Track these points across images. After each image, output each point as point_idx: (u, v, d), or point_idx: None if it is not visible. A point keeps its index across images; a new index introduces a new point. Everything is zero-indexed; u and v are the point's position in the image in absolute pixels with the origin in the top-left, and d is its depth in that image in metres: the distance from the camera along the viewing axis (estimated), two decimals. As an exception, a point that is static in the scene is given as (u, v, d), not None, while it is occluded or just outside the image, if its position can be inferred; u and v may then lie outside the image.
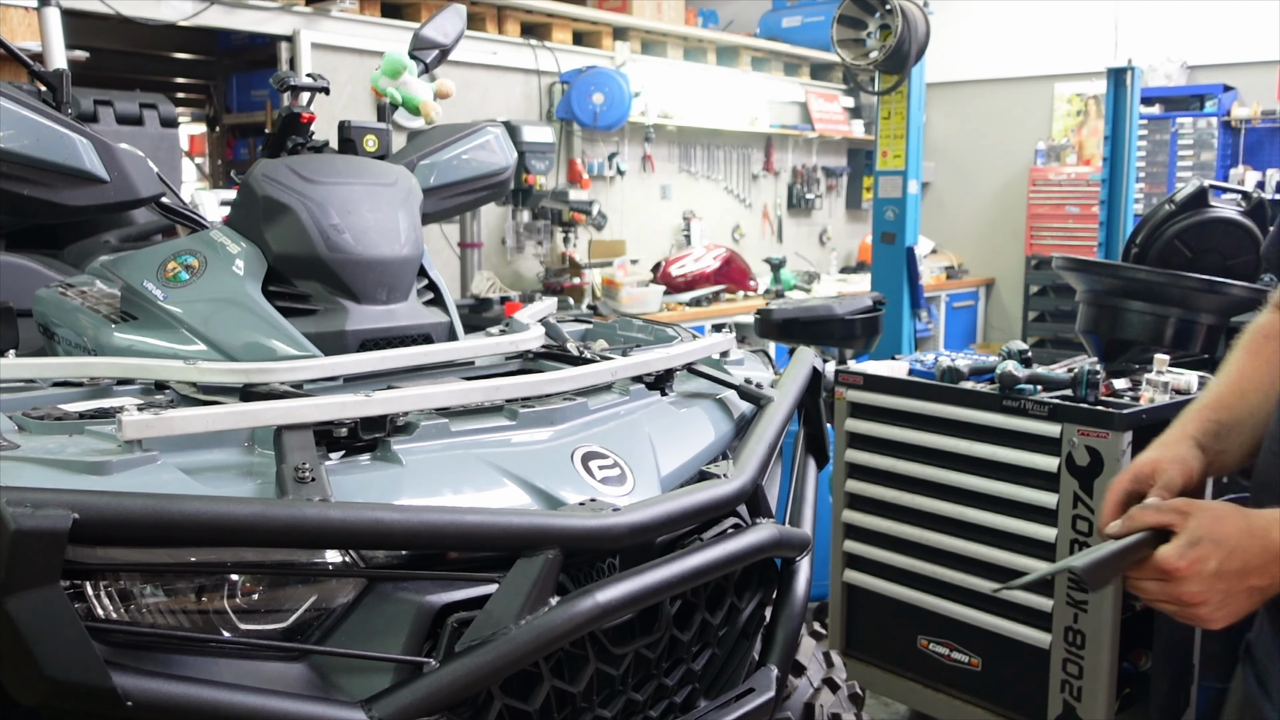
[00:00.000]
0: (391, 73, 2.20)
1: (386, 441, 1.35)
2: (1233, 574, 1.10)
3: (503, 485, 1.36)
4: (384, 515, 1.14)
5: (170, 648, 1.10)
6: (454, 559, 1.27)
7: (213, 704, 1.04)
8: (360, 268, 1.71)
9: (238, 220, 1.77)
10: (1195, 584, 1.10)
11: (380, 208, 1.78)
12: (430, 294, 1.87)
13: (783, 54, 8.32)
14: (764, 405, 1.72)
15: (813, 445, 1.94)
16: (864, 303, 3.84)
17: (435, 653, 1.19)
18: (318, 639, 1.19)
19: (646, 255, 7.18)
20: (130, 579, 1.10)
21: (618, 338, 2.09)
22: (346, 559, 1.21)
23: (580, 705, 1.33)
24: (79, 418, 1.34)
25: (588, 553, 1.29)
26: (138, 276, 1.72)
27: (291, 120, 1.99)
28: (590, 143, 6.88)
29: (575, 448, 1.46)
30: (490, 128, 2.29)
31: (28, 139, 1.63)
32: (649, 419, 1.62)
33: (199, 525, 1.04)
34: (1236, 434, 1.37)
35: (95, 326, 1.73)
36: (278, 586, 1.19)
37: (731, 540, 1.46)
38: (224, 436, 1.31)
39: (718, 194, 7.99)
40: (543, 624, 1.19)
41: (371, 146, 2.08)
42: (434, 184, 2.14)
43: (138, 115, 3.27)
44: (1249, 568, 1.11)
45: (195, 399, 1.47)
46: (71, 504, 0.96)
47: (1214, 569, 1.10)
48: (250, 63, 6.13)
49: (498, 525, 1.22)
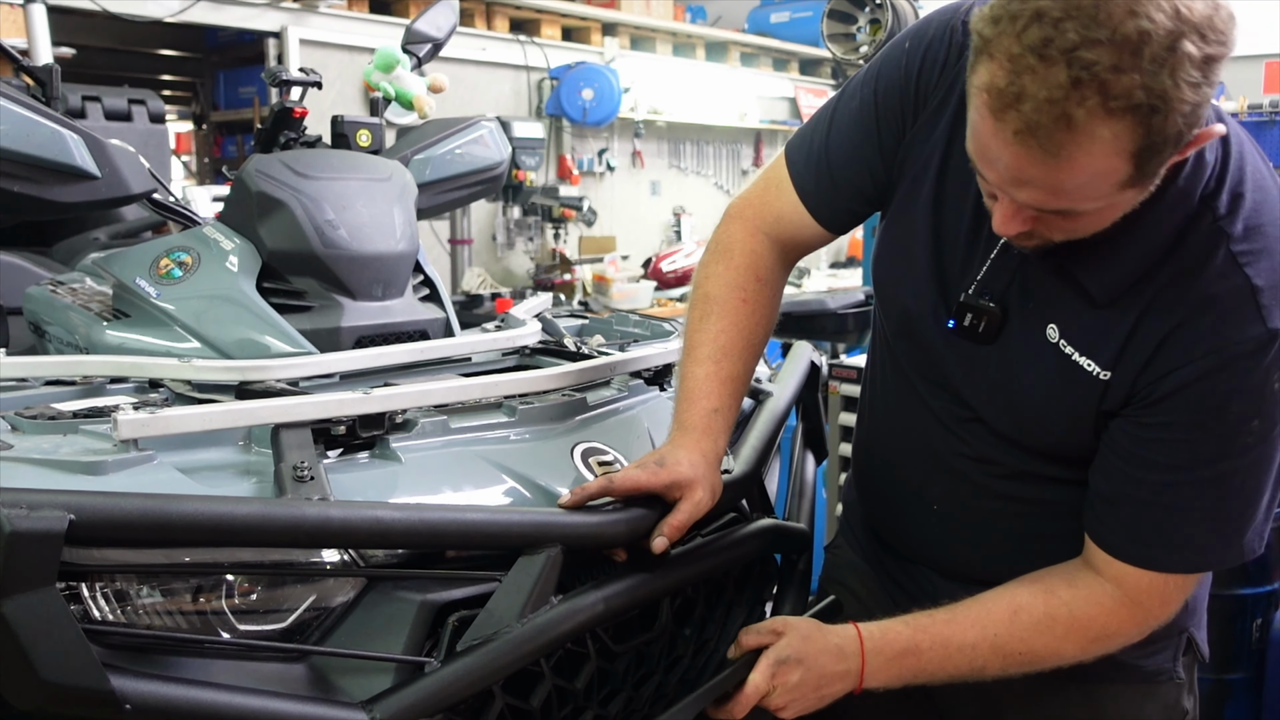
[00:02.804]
0: (384, 67, 2.19)
1: (385, 439, 1.34)
2: (810, 685, 1.30)
3: (503, 482, 1.35)
4: (384, 514, 1.13)
5: (168, 649, 1.08)
6: (454, 557, 1.25)
7: (211, 706, 1.02)
8: (355, 264, 1.69)
9: (231, 216, 1.75)
10: (779, 696, 1.29)
11: (375, 203, 1.77)
12: (426, 290, 1.86)
13: (771, 49, 8.32)
14: (762, 400, 1.71)
15: (811, 440, 1.94)
16: (856, 297, 3.84)
17: (436, 652, 1.18)
18: (317, 639, 1.18)
19: (637, 251, 7.17)
20: (127, 580, 1.09)
21: (614, 333, 2.08)
22: (345, 558, 1.20)
23: (581, 704, 1.32)
24: (73, 417, 1.33)
25: (589, 550, 1.28)
26: (130, 274, 1.70)
27: (284, 115, 1.97)
28: (580, 139, 6.86)
29: (575, 444, 1.45)
30: (484, 122, 2.28)
31: (18, 135, 1.61)
32: (648, 414, 1.61)
33: (198, 525, 1.02)
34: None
35: (87, 324, 1.71)
36: (276, 586, 1.18)
37: (734, 535, 1.45)
38: (220, 435, 1.29)
39: (708, 189, 7.99)
40: (545, 623, 1.18)
41: (365, 141, 2.06)
42: (428, 179, 2.13)
43: (126, 111, 3.25)
44: (824, 678, 1.30)
45: (190, 397, 1.45)
46: (67, 505, 0.94)
47: (795, 682, 1.29)
48: (237, 59, 6.08)
49: (499, 523, 1.21)
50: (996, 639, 1.29)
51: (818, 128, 1.44)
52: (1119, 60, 0.95)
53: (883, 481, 1.56)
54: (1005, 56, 0.99)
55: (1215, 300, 1.15)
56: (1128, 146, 0.99)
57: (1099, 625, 1.28)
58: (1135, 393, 1.21)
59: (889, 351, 1.48)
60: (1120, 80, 0.95)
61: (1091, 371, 1.23)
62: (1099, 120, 0.97)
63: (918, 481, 1.46)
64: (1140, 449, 1.22)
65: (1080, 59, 0.96)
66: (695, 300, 1.45)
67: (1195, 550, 1.25)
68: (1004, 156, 1.05)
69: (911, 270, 1.37)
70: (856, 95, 1.40)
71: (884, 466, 1.55)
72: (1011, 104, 1.00)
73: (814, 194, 1.43)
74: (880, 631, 1.33)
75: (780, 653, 1.30)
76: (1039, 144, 1.00)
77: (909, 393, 1.44)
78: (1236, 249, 1.15)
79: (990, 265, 1.29)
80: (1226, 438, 1.18)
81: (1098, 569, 1.28)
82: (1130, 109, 0.97)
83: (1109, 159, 1.00)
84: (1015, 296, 1.28)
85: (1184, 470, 1.20)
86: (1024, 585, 1.32)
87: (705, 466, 1.31)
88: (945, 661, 1.30)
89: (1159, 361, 1.18)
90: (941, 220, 1.33)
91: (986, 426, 1.35)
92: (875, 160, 1.38)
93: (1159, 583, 1.26)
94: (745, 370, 1.42)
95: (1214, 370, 1.15)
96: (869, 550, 1.61)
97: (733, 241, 1.47)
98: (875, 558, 1.58)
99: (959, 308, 1.31)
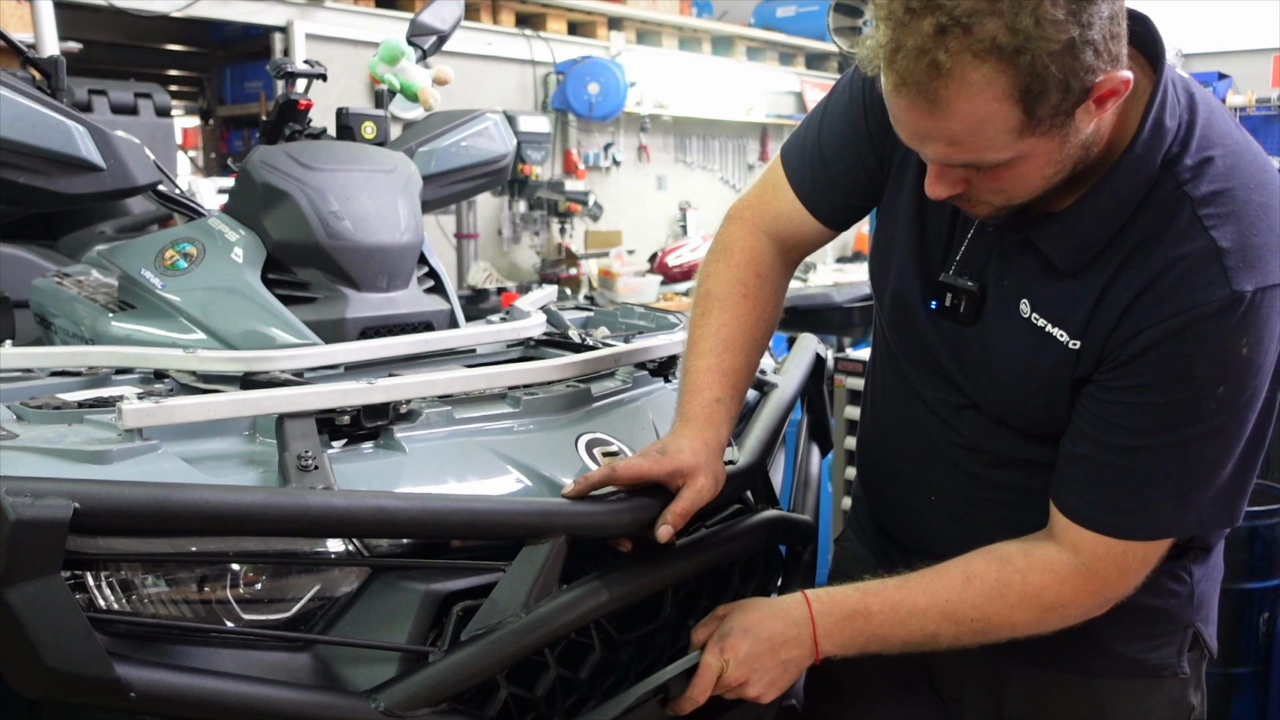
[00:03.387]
0: (389, 59, 2.18)
1: (389, 429, 1.34)
2: (762, 652, 1.28)
3: (507, 473, 1.35)
4: (388, 503, 1.13)
5: (173, 638, 1.09)
6: (459, 547, 1.25)
7: (216, 694, 1.03)
8: (360, 255, 1.69)
9: (236, 208, 1.75)
10: (734, 670, 1.27)
11: (380, 194, 1.77)
12: (431, 281, 1.86)
13: (778, 44, 8.30)
14: (767, 391, 1.71)
15: (816, 432, 1.94)
16: (861, 291, 3.85)
17: (440, 642, 1.18)
18: (321, 629, 1.18)
19: (643, 245, 7.16)
20: (132, 569, 1.09)
21: (619, 325, 2.08)
22: (350, 548, 1.20)
23: (585, 694, 1.32)
24: (78, 407, 1.33)
25: (593, 540, 1.28)
26: (135, 265, 1.71)
27: (289, 107, 1.97)
28: (586, 133, 6.86)
29: (579, 434, 1.45)
30: (489, 114, 2.28)
31: (23, 126, 1.61)
32: (653, 405, 1.61)
33: (202, 514, 1.02)
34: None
35: (93, 316, 1.71)
36: (281, 576, 1.18)
37: (737, 526, 1.45)
38: (225, 425, 1.30)
39: (713, 184, 7.98)
40: (549, 612, 1.18)
41: (370, 133, 2.06)
42: (433, 171, 2.13)
43: (132, 105, 3.25)
44: (776, 643, 1.29)
45: (195, 388, 1.45)
46: (72, 493, 0.95)
47: (745, 651, 1.28)
48: (244, 54, 6.09)
49: (502, 513, 1.21)
50: (948, 605, 1.29)
51: (811, 125, 1.47)
52: (979, 4, 1.00)
53: (883, 474, 1.57)
54: (885, 15, 1.05)
55: (1179, 261, 1.15)
56: (1005, 89, 1.03)
57: (1052, 594, 1.28)
58: (1104, 357, 1.21)
59: (885, 344, 1.50)
60: (984, 24, 1.00)
61: (1063, 341, 1.24)
62: (967, 65, 1.02)
63: (916, 473, 1.47)
64: (1105, 412, 1.22)
65: (943, 6, 1.01)
66: (697, 298, 1.47)
67: (1152, 517, 1.24)
68: (897, 113, 1.11)
69: (898, 256, 1.39)
70: (845, 90, 1.42)
71: (884, 459, 1.56)
72: (890, 60, 1.06)
73: (810, 190, 1.45)
74: (828, 594, 1.34)
75: (723, 627, 1.31)
76: (919, 93, 1.05)
77: (904, 384, 1.45)
78: (1202, 212, 1.16)
79: (968, 245, 1.32)
80: (1191, 402, 1.18)
81: (1058, 537, 1.29)
82: (994, 50, 1.01)
83: (989, 103, 1.04)
84: (992, 275, 1.30)
85: (1147, 434, 1.20)
86: (980, 554, 1.32)
87: (708, 454, 1.31)
88: (898, 625, 1.30)
89: (1125, 325, 1.19)
90: (924, 205, 1.34)
91: (978, 413, 1.36)
92: (867, 152, 1.40)
93: (1117, 551, 1.25)
94: (747, 363, 1.43)
95: (1178, 331, 1.15)
96: (874, 543, 1.61)
97: (733, 241, 1.49)
98: (880, 550, 1.58)
99: (938, 287, 1.33)
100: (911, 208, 1.36)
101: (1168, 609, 1.40)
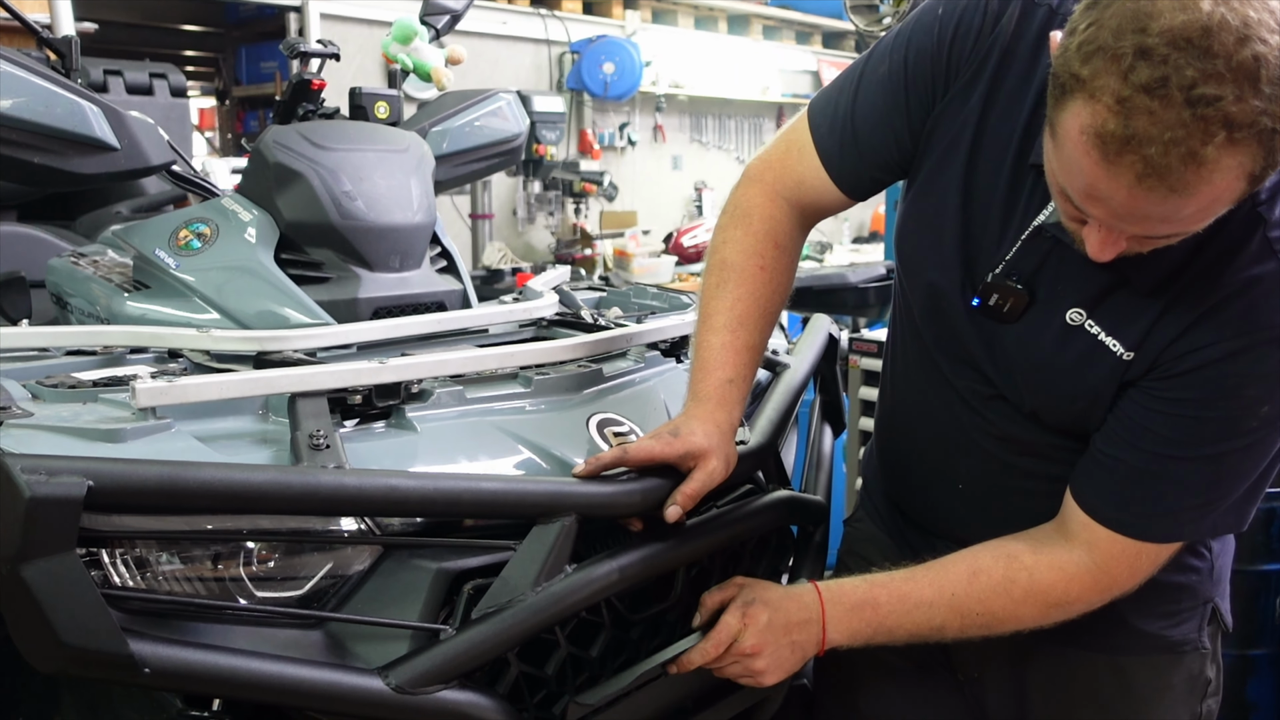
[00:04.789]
0: (402, 38, 2.18)
1: (401, 409, 1.34)
2: (779, 628, 1.31)
3: (518, 452, 1.35)
4: (399, 482, 1.13)
5: (187, 615, 1.09)
6: (470, 526, 1.26)
7: (229, 670, 1.04)
8: (373, 235, 1.70)
9: (249, 188, 1.76)
10: (750, 636, 1.30)
11: (393, 174, 1.77)
12: (443, 261, 1.86)
13: (794, 22, 8.25)
14: (780, 372, 1.71)
15: (829, 412, 1.93)
16: (877, 271, 3.82)
17: (451, 619, 1.18)
18: (334, 606, 1.19)
19: (658, 226, 7.15)
20: (146, 546, 1.10)
21: (632, 305, 2.08)
22: (362, 526, 1.20)
23: (596, 671, 1.33)
24: (93, 385, 1.34)
25: (604, 520, 1.28)
26: (150, 245, 1.72)
27: (302, 87, 1.97)
28: (601, 113, 6.84)
29: (590, 414, 1.45)
30: (502, 94, 2.27)
31: (38, 106, 1.61)
32: (664, 386, 1.61)
33: (214, 492, 1.03)
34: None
35: (108, 296, 1.73)
36: (293, 554, 1.19)
37: (748, 506, 1.45)
38: (238, 404, 1.30)
39: (729, 164, 7.95)
40: (559, 591, 1.18)
41: (383, 113, 2.06)
42: (446, 151, 2.13)
43: (147, 85, 3.26)
44: (790, 623, 1.32)
45: (209, 367, 1.46)
46: (86, 471, 0.95)
47: (765, 622, 1.31)
48: (259, 34, 6.09)
49: (513, 492, 1.21)
50: (954, 598, 1.31)
51: (844, 90, 1.40)
52: (1240, 90, 0.92)
53: (906, 457, 1.56)
54: (1112, 98, 0.95)
55: (1251, 284, 1.14)
56: (1250, 169, 0.97)
57: (1059, 592, 1.29)
58: (1155, 365, 1.20)
59: (912, 328, 1.47)
60: (1244, 109, 0.92)
61: (1116, 352, 1.22)
62: (1226, 152, 0.94)
63: (942, 459, 1.46)
64: (1146, 419, 1.21)
65: (1201, 95, 0.92)
66: (712, 266, 1.43)
67: (1175, 522, 1.25)
68: (1118, 196, 1.00)
69: (939, 247, 1.35)
70: (885, 60, 1.36)
71: (907, 443, 1.55)
72: (1128, 148, 0.96)
73: (838, 160, 1.40)
74: (837, 585, 1.36)
75: (747, 596, 1.33)
76: (1165, 184, 0.96)
77: (933, 370, 1.43)
78: (1273, 235, 1.14)
79: (1020, 246, 1.27)
80: (1234, 419, 1.18)
81: (1071, 533, 1.29)
82: (1255, 135, 0.94)
83: (1231, 184, 0.98)
84: (1045, 279, 1.27)
85: (1186, 445, 1.20)
86: (987, 549, 1.33)
87: (719, 437, 1.31)
88: (904, 617, 1.32)
89: (1185, 340, 1.18)
90: (971, 198, 1.30)
91: (1009, 404, 1.34)
92: (903, 130, 1.35)
93: (1131, 550, 1.26)
94: (761, 339, 1.42)
95: (1237, 352, 1.15)
96: (891, 524, 1.61)
97: (752, 206, 1.44)
98: (898, 531, 1.58)
99: (985, 287, 1.30)
100: (957, 198, 1.31)
101: (1189, 585, 1.40)
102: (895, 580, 1.34)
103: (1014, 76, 1.25)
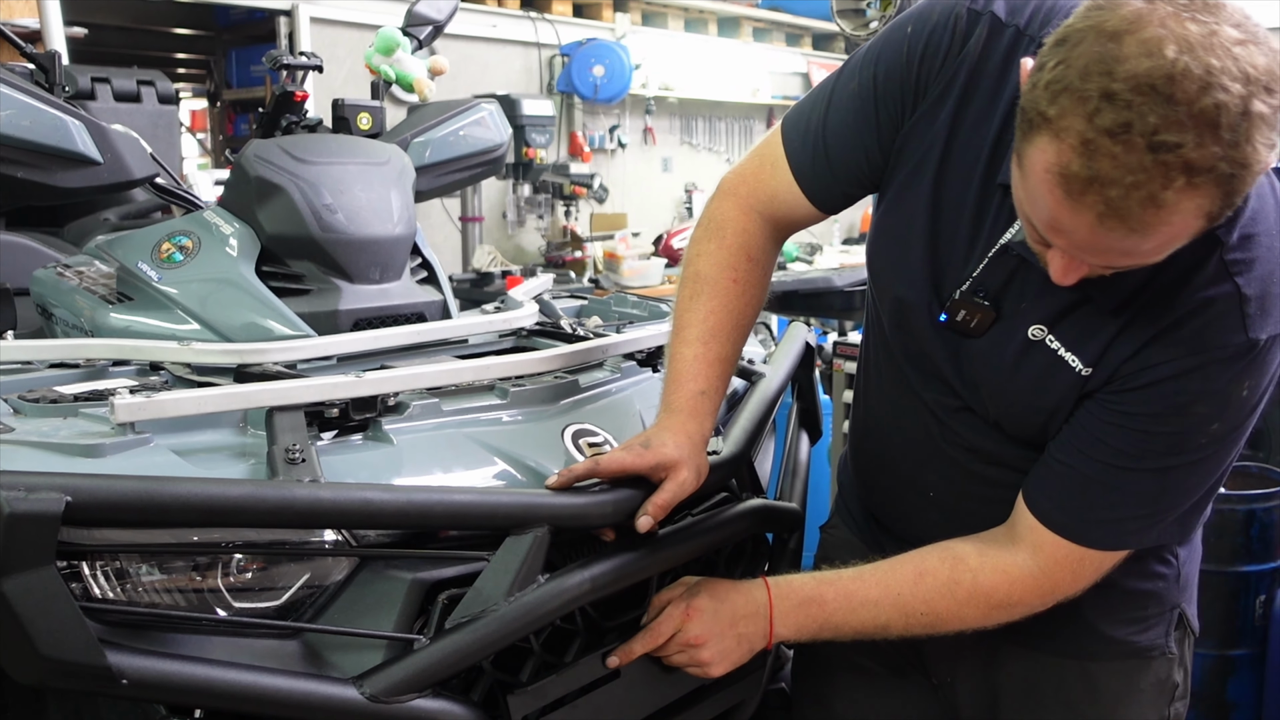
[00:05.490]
0: (385, 50, 2.20)
1: (378, 421, 1.36)
2: (725, 619, 1.36)
3: (493, 464, 1.37)
4: (373, 495, 1.16)
5: (165, 626, 1.12)
6: (445, 537, 1.28)
7: (206, 681, 1.06)
8: (353, 247, 1.72)
9: (231, 201, 1.78)
10: (695, 626, 1.35)
11: (373, 187, 1.79)
12: (424, 272, 1.88)
13: (784, 24, 8.26)
14: (755, 381, 1.73)
15: (806, 420, 1.96)
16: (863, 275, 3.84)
17: (426, 629, 1.21)
18: (310, 617, 1.21)
19: (648, 228, 7.16)
20: (127, 559, 1.12)
21: (612, 314, 2.10)
22: (339, 538, 1.23)
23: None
24: (73, 400, 1.36)
25: (576, 530, 1.31)
26: (132, 257, 1.73)
27: (285, 99, 1.99)
28: (591, 115, 6.85)
29: (566, 425, 1.47)
30: (484, 104, 2.29)
31: (21, 121, 1.64)
32: (640, 396, 1.63)
33: (190, 507, 1.05)
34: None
35: (92, 307, 1.74)
36: (271, 565, 1.21)
37: (722, 515, 1.48)
38: (217, 418, 1.32)
39: (720, 166, 7.96)
40: (531, 601, 1.21)
41: (365, 124, 2.08)
42: (428, 161, 2.15)
43: (135, 93, 3.26)
44: (737, 615, 1.37)
45: (189, 380, 1.48)
46: (64, 487, 0.98)
47: (710, 613, 1.36)
48: (249, 37, 6.10)
49: (486, 504, 1.23)
50: (899, 598, 1.34)
51: (816, 106, 1.42)
52: (1200, 137, 0.93)
53: (878, 465, 1.58)
54: (1077, 139, 0.97)
55: (1205, 305, 1.16)
56: (1208, 210, 0.99)
57: (1002, 594, 1.32)
58: (1112, 379, 1.23)
59: (882, 340, 1.49)
60: (1203, 155, 0.94)
61: (1075, 367, 1.24)
62: (1185, 196, 0.96)
63: (912, 468, 1.49)
64: (1100, 430, 1.24)
65: (1162, 142, 0.93)
66: (686, 278, 1.45)
67: (1120, 531, 1.28)
68: (1080, 232, 1.03)
69: (906, 261, 1.36)
70: (855, 77, 1.37)
71: (879, 451, 1.57)
72: (1091, 188, 0.98)
73: (810, 175, 1.42)
74: (786, 581, 1.40)
75: (694, 590, 1.38)
76: (1125, 225, 0.99)
77: (902, 381, 1.45)
78: (1229, 257, 1.16)
79: (987, 264, 1.29)
80: (1184, 435, 1.20)
81: (1018, 536, 1.31)
82: (1214, 180, 0.96)
83: (1188, 223, 1.00)
84: (1010, 296, 1.29)
85: (1135, 458, 1.22)
86: (934, 550, 1.36)
87: (691, 448, 1.33)
88: (850, 615, 1.36)
89: (1141, 357, 1.20)
90: (940, 214, 1.32)
91: (975, 416, 1.37)
92: (873, 146, 1.37)
93: (1075, 556, 1.29)
94: (733, 351, 1.44)
95: (1189, 371, 1.17)
96: (865, 530, 1.63)
97: (726, 219, 1.46)
98: (873, 538, 1.61)
99: (953, 304, 1.32)
100: (925, 214, 1.33)
101: (1156, 591, 1.43)
102: (843, 579, 1.37)
103: (981, 96, 1.27)
